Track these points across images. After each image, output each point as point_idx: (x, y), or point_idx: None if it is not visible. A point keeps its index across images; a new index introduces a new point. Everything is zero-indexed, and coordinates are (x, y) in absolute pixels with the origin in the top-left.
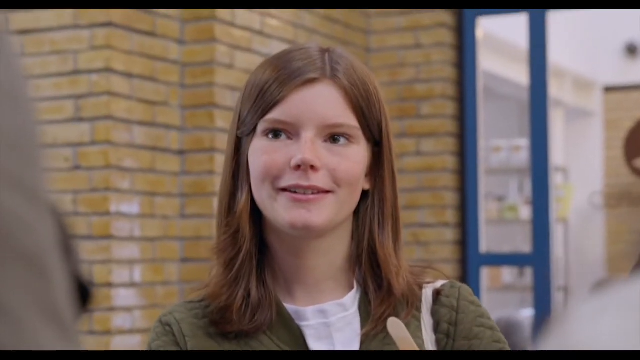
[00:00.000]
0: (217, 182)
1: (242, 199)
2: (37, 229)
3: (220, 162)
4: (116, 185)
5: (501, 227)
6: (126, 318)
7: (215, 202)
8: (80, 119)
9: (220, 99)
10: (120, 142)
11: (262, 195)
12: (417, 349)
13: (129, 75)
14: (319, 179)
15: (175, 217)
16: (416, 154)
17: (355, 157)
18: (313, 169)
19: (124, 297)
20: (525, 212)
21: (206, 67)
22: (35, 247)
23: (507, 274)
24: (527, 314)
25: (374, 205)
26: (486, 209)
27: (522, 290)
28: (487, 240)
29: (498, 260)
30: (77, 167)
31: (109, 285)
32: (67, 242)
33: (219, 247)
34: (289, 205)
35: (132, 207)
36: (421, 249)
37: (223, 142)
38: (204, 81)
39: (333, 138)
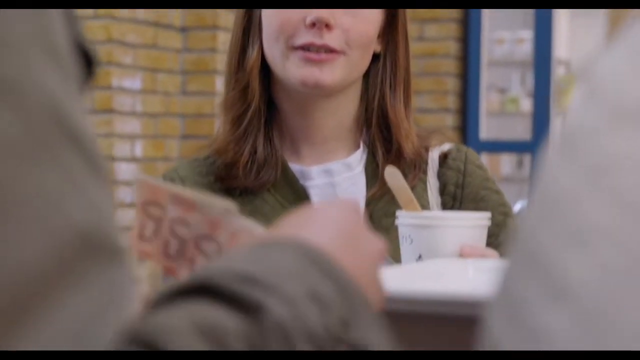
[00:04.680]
0: (219, 60)
1: (253, 55)
2: None
3: (222, 40)
4: (118, 60)
5: (502, 119)
6: (127, 192)
7: (217, 81)
8: None
9: None
10: (123, 17)
11: (275, 52)
12: (413, 197)
13: None
14: (332, 39)
15: (177, 94)
16: (419, 39)
17: (369, 18)
18: (327, 27)
19: (125, 171)
20: (527, 105)
21: None
22: None
23: (506, 164)
24: (523, 206)
25: (386, 68)
26: (488, 101)
27: (521, 182)
28: (488, 132)
29: (497, 147)
30: None
31: (111, 159)
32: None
33: (226, 103)
34: (300, 63)
35: (134, 82)
36: None
37: (226, 19)
38: None
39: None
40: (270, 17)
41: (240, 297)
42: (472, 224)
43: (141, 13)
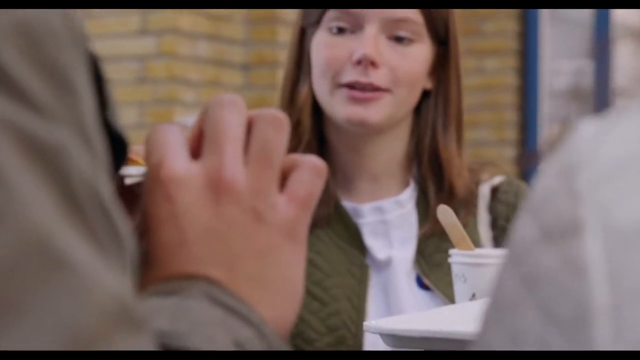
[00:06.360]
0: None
1: (304, 91)
2: (66, 44)
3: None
4: (181, 97)
5: None
6: None
7: None
8: (146, 33)
9: (284, 12)
10: (185, 55)
11: (322, 89)
12: (466, 235)
13: None
14: (378, 76)
15: None
16: (478, 72)
17: (417, 56)
18: (373, 65)
19: None
20: None
21: None
22: (62, 60)
23: None
24: None
25: (438, 106)
26: (549, 132)
27: None
28: None
29: None
30: (143, 80)
31: None
32: (101, 87)
33: None
34: (346, 101)
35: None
36: None
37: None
38: None
39: (396, 37)
40: (317, 54)
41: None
42: None
43: (202, 51)
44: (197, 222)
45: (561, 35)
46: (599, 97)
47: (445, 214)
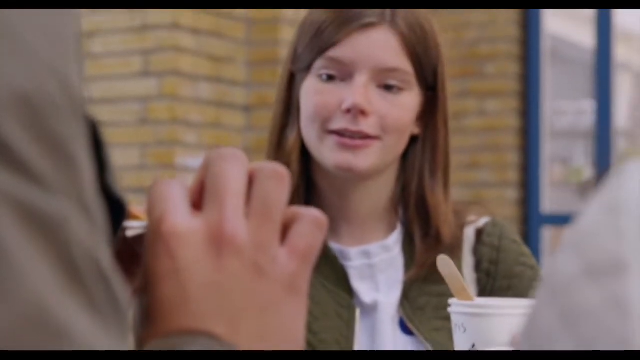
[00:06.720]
0: None
1: (293, 136)
2: (65, 114)
3: None
4: (182, 139)
5: (566, 191)
6: None
7: None
8: (148, 74)
9: (286, 55)
10: (186, 97)
11: (311, 135)
12: (466, 285)
13: (195, 31)
14: (367, 125)
15: None
16: (479, 114)
17: (406, 104)
18: (363, 114)
19: None
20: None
21: (272, 24)
22: (62, 130)
23: None
24: None
25: (425, 152)
26: (551, 172)
27: None
28: (551, 203)
29: (559, 220)
30: (144, 121)
31: None
32: (100, 151)
33: None
34: (335, 148)
35: (197, 161)
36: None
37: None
38: (269, 37)
39: (386, 86)
40: (307, 100)
41: None
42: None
43: (203, 93)
44: (199, 277)
45: (562, 75)
46: (601, 137)
47: (445, 264)
